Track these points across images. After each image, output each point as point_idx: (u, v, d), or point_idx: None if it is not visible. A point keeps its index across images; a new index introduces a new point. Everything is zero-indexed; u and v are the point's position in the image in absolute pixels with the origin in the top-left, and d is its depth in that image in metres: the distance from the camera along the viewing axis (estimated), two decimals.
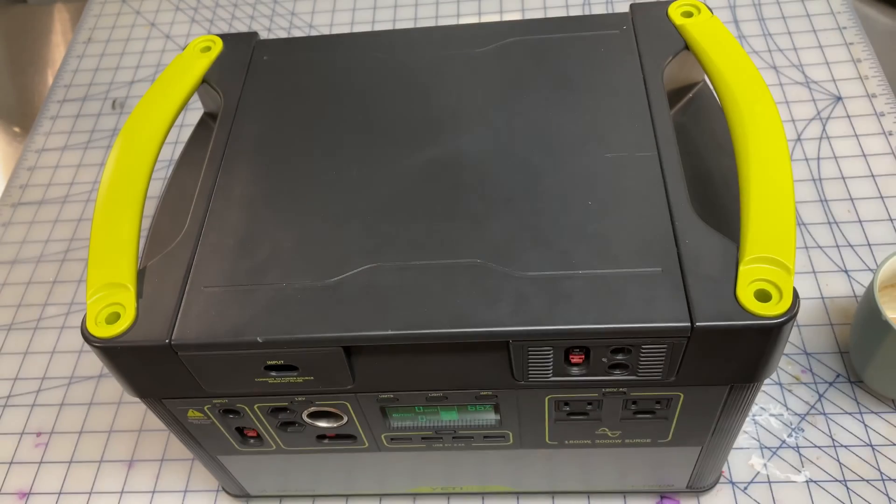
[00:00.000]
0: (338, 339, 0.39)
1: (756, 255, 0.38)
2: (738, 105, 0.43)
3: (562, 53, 0.49)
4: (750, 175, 0.40)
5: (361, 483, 0.55)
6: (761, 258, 0.37)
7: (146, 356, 0.40)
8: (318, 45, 0.53)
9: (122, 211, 0.43)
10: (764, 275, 0.37)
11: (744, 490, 0.55)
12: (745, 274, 0.37)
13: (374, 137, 0.46)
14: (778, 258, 0.37)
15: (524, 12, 0.90)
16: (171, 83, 0.50)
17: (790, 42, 0.82)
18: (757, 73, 0.44)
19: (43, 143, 0.86)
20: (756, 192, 0.39)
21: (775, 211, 0.39)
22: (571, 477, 0.53)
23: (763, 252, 0.38)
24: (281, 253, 0.42)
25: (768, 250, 0.38)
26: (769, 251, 0.38)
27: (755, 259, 0.37)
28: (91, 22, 0.98)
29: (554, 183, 0.43)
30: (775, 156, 0.41)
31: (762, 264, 0.37)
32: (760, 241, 0.38)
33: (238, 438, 0.48)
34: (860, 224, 0.67)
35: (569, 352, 0.39)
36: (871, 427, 0.57)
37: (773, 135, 0.42)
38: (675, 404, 0.43)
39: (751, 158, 0.41)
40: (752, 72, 0.45)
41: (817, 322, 0.63)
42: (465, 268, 0.40)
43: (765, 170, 0.40)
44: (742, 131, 0.42)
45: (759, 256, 0.37)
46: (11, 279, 0.75)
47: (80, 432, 0.64)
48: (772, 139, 0.41)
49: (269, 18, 0.94)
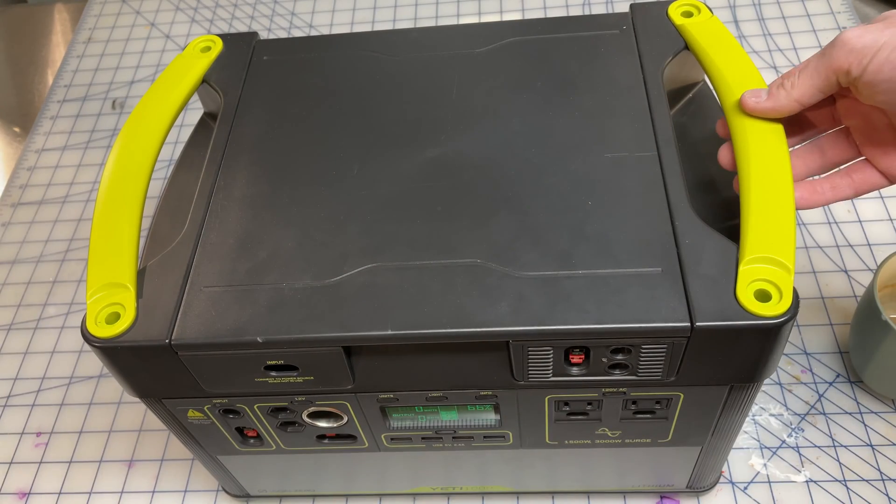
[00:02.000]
0: (338, 339, 0.39)
1: (756, 255, 0.37)
2: (738, 105, 0.43)
3: (562, 53, 0.49)
4: (750, 175, 0.40)
5: (361, 483, 0.55)
6: (761, 258, 0.37)
7: (146, 356, 0.40)
8: (318, 45, 0.53)
9: (122, 211, 0.43)
10: (764, 275, 0.37)
11: (744, 490, 0.55)
12: (745, 274, 0.37)
13: (374, 137, 0.46)
14: (778, 258, 0.37)
15: (524, 12, 0.90)
16: (171, 83, 0.50)
17: (790, 42, 0.82)
18: (757, 73, 0.44)
19: (43, 143, 0.86)
20: (756, 192, 0.39)
21: (775, 211, 0.39)
22: (571, 477, 0.53)
23: (763, 252, 0.37)
24: (281, 253, 0.42)
25: (768, 250, 0.37)
26: (769, 251, 0.37)
27: (755, 259, 0.37)
28: (91, 22, 0.98)
29: (554, 183, 0.43)
30: (775, 155, 0.41)
31: (762, 264, 0.37)
32: (760, 241, 0.38)
33: (238, 438, 0.48)
34: (860, 224, 0.67)
35: (569, 352, 0.39)
36: (871, 427, 0.57)
37: (773, 134, 0.42)
38: (675, 404, 0.43)
39: (751, 158, 0.41)
40: (752, 71, 0.45)
41: (817, 322, 0.63)
42: (464, 268, 0.40)
43: (765, 170, 0.40)
44: (742, 131, 0.42)
45: (759, 256, 0.37)
46: (11, 279, 0.75)
47: (80, 432, 0.64)
48: (772, 139, 0.41)
49: (269, 18, 0.94)
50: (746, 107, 0.42)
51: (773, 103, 0.41)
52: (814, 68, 0.40)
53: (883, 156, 0.42)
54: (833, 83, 0.40)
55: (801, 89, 0.41)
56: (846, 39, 0.38)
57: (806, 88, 0.41)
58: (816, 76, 0.40)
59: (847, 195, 0.44)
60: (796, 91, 0.41)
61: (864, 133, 0.43)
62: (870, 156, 0.43)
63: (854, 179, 0.43)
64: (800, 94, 0.41)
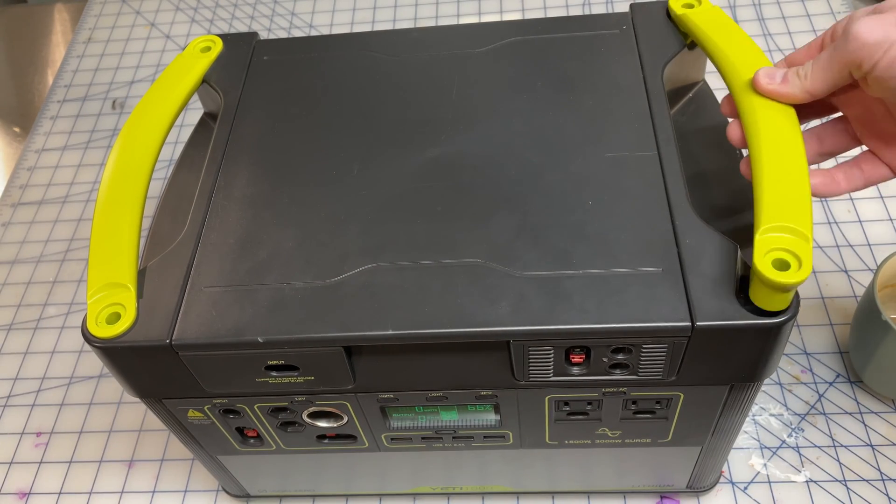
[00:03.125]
0: (338, 339, 0.39)
1: (773, 223, 0.36)
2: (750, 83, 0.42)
3: (562, 53, 0.49)
4: (762, 149, 0.39)
5: (361, 483, 0.55)
6: (778, 227, 0.36)
7: (146, 356, 0.40)
8: (318, 45, 0.53)
9: (123, 211, 0.43)
10: (782, 244, 0.36)
11: (744, 490, 0.55)
12: (762, 243, 0.36)
13: (374, 137, 0.46)
14: (795, 226, 0.36)
15: (524, 12, 0.90)
16: (171, 83, 0.50)
17: (790, 42, 0.82)
18: (762, 54, 0.44)
19: (43, 143, 0.86)
20: (769, 164, 0.38)
21: (790, 181, 0.38)
22: (571, 477, 0.53)
23: (780, 221, 0.36)
24: (281, 253, 0.42)
25: (785, 219, 0.36)
26: (786, 220, 0.36)
27: (772, 228, 0.36)
28: (91, 22, 0.98)
29: (554, 183, 0.43)
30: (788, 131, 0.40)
31: (779, 233, 0.36)
32: (776, 210, 0.37)
33: (238, 438, 0.48)
34: (860, 224, 0.67)
35: (569, 352, 0.39)
36: (871, 427, 0.57)
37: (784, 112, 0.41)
38: (675, 404, 0.43)
39: (762, 134, 0.40)
40: (756, 52, 0.44)
41: (817, 322, 0.63)
42: (464, 268, 0.40)
43: (777, 143, 0.39)
44: (752, 109, 0.41)
45: (776, 225, 0.36)
46: (11, 279, 0.75)
47: (80, 432, 0.64)
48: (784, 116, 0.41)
49: (269, 18, 0.94)
50: (759, 85, 0.41)
51: (787, 88, 0.41)
52: (827, 61, 0.39)
53: (885, 147, 0.42)
54: (846, 77, 0.39)
55: (813, 81, 0.40)
56: (857, 34, 0.37)
57: (819, 81, 0.40)
58: (829, 70, 0.39)
59: (859, 186, 0.43)
60: (809, 82, 0.40)
61: (863, 123, 0.42)
62: (872, 147, 0.43)
63: (864, 170, 0.43)
64: (812, 86, 0.40)
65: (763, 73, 0.42)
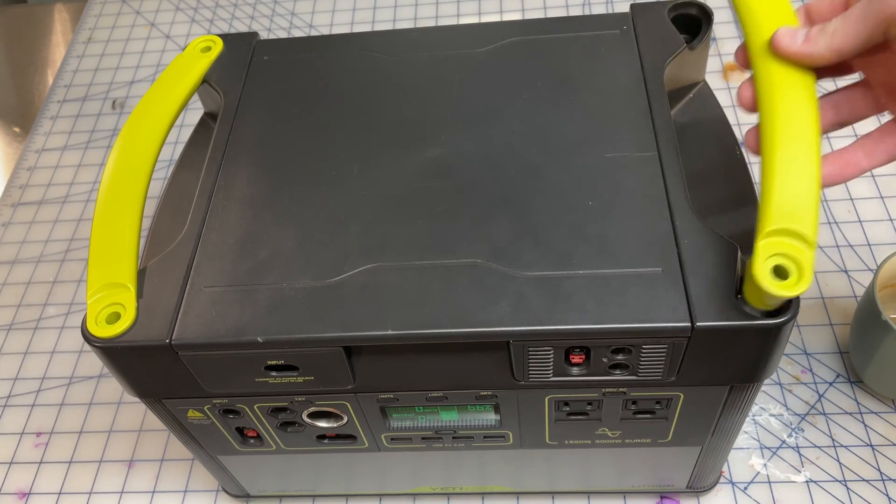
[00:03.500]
0: (338, 339, 0.39)
1: (776, 226, 0.34)
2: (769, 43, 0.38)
3: (562, 53, 0.49)
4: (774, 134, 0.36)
5: (361, 483, 0.55)
6: (782, 230, 0.34)
7: (146, 356, 0.40)
8: (318, 45, 0.53)
9: (123, 211, 0.43)
10: (783, 249, 0.34)
11: (744, 490, 0.55)
12: (763, 248, 0.34)
13: (374, 137, 0.46)
14: (800, 231, 0.33)
15: (524, 12, 0.90)
16: (171, 83, 0.50)
17: None
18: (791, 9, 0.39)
19: (43, 143, 0.86)
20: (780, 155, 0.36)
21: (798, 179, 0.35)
22: (571, 477, 0.53)
23: (784, 224, 0.34)
24: (281, 253, 0.42)
25: (790, 222, 0.33)
26: (791, 223, 0.33)
27: (775, 231, 0.34)
28: (91, 22, 0.98)
29: (554, 183, 0.43)
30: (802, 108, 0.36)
31: (782, 237, 0.34)
32: (782, 212, 0.34)
33: (238, 438, 0.48)
34: (860, 224, 0.67)
35: (569, 352, 0.39)
36: (871, 427, 0.57)
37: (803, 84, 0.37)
38: (675, 404, 0.43)
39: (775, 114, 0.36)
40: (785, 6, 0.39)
41: (817, 322, 0.63)
42: (464, 268, 0.40)
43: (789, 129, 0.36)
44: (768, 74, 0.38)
45: (780, 229, 0.34)
46: (11, 279, 0.75)
47: (80, 432, 0.64)
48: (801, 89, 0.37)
49: (269, 18, 0.94)
50: (778, 47, 0.36)
51: (810, 48, 0.36)
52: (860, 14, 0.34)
53: None
54: (880, 33, 0.34)
55: (843, 37, 0.35)
56: None
57: (850, 38, 0.34)
58: (863, 24, 0.34)
59: (882, 161, 0.38)
60: (837, 39, 0.35)
61: (892, 89, 0.37)
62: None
63: (888, 144, 0.38)
64: (841, 43, 0.35)
65: (783, 33, 0.36)
